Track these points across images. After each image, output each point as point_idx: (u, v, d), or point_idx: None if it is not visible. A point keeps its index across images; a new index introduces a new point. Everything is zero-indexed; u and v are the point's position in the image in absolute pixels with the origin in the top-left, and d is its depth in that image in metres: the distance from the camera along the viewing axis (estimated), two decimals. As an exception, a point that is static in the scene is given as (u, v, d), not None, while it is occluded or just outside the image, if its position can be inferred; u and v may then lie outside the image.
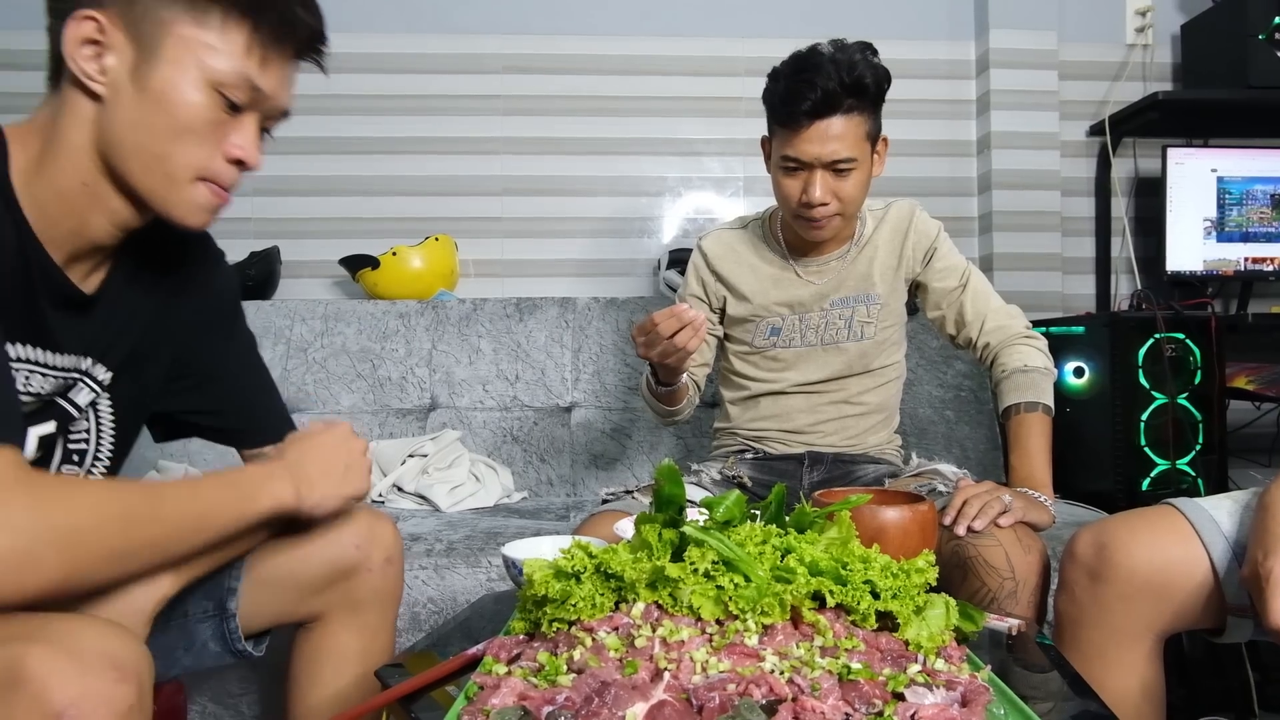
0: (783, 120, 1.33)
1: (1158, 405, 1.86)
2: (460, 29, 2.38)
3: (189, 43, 0.76)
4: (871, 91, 1.32)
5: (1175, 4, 2.49)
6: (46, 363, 0.84)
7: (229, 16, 0.77)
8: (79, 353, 0.87)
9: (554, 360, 2.13)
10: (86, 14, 0.75)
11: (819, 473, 1.49)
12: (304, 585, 0.97)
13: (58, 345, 0.84)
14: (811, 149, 1.31)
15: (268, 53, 0.80)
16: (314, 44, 0.85)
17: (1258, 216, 2.24)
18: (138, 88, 0.76)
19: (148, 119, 0.77)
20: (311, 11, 0.84)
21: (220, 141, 0.80)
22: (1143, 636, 0.98)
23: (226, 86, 0.78)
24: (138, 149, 0.78)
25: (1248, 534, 0.93)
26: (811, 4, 2.41)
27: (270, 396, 1.07)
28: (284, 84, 0.83)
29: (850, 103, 1.30)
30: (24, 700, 0.57)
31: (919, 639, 0.68)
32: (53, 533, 0.63)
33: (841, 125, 1.30)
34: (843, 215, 1.38)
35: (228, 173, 0.82)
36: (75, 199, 0.79)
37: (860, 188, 1.37)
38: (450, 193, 2.39)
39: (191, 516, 0.76)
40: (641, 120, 2.42)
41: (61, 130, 0.78)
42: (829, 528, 0.80)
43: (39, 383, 0.84)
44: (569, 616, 0.69)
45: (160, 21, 0.76)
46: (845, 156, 1.32)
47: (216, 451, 1.98)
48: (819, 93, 1.27)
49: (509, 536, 1.54)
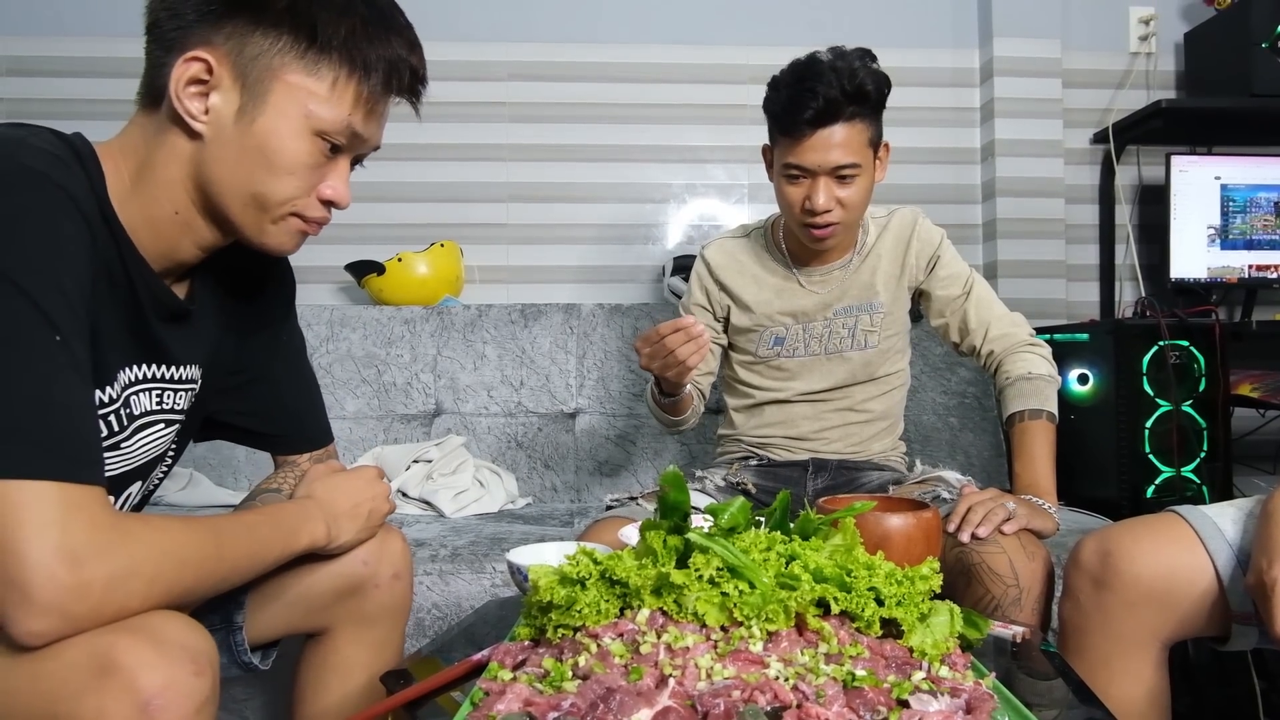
0: (785, 129, 1.33)
1: (1162, 412, 1.86)
2: (466, 36, 2.39)
3: (297, 91, 0.77)
4: (873, 98, 1.33)
5: (1178, 13, 2.49)
6: (170, 377, 0.87)
7: (341, 69, 0.78)
8: (190, 362, 0.90)
9: (559, 366, 2.13)
10: (196, 55, 0.75)
11: (823, 479, 1.49)
12: (312, 600, 0.98)
13: (174, 359, 0.87)
14: (814, 157, 1.32)
15: (374, 103, 0.81)
16: (415, 86, 0.85)
17: (1262, 224, 2.24)
18: (241, 130, 0.77)
19: (248, 161, 0.78)
20: (417, 54, 0.84)
21: (316, 182, 0.82)
22: (1148, 644, 0.99)
23: (329, 134, 0.79)
24: (236, 188, 0.79)
25: (1252, 541, 0.93)
26: (816, 12, 2.42)
27: (314, 403, 1.08)
28: (382, 126, 0.85)
29: (852, 110, 1.30)
30: (114, 687, 0.62)
31: (923, 646, 0.68)
32: (139, 568, 0.67)
33: (844, 133, 1.31)
34: (846, 223, 1.38)
35: (319, 211, 0.84)
36: (166, 225, 0.81)
37: (863, 194, 1.37)
38: (456, 199, 2.40)
39: (246, 555, 0.80)
40: (646, 127, 2.43)
41: (156, 160, 0.79)
42: (833, 535, 0.80)
43: (171, 399, 0.88)
44: (574, 622, 0.69)
45: (270, 68, 0.76)
46: (848, 163, 1.32)
47: (210, 447, 1.99)
48: (821, 101, 1.28)
49: (513, 542, 1.55)
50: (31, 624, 0.62)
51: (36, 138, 0.74)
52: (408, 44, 0.82)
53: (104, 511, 0.67)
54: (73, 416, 0.67)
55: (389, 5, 0.82)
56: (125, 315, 0.79)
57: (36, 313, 0.66)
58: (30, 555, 0.62)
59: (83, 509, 0.65)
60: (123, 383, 0.81)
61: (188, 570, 0.72)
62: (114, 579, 0.65)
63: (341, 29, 0.77)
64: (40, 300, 0.66)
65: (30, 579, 0.62)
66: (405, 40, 0.82)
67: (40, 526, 0.63)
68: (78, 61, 2.30)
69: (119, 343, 0.79)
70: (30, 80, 2.30)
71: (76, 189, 0.72)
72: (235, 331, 0.97)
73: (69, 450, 0.66)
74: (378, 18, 0.80)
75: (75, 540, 0.64)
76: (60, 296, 0.68)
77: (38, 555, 0.62)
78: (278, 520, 0.87)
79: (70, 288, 0.69)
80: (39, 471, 0.64)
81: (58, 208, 0.70)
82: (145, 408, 0.85)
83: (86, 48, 2.30)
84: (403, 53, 0.81)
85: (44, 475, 0.64)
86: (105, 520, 0.66)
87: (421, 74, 0.84)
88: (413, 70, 0.83)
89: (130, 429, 0.83)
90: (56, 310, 0.67)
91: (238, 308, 0.96)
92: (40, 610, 0.62)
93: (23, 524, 0.62)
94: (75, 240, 0.71)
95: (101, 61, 2.30)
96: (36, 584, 0.62)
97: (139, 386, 0.83)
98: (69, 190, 0.71)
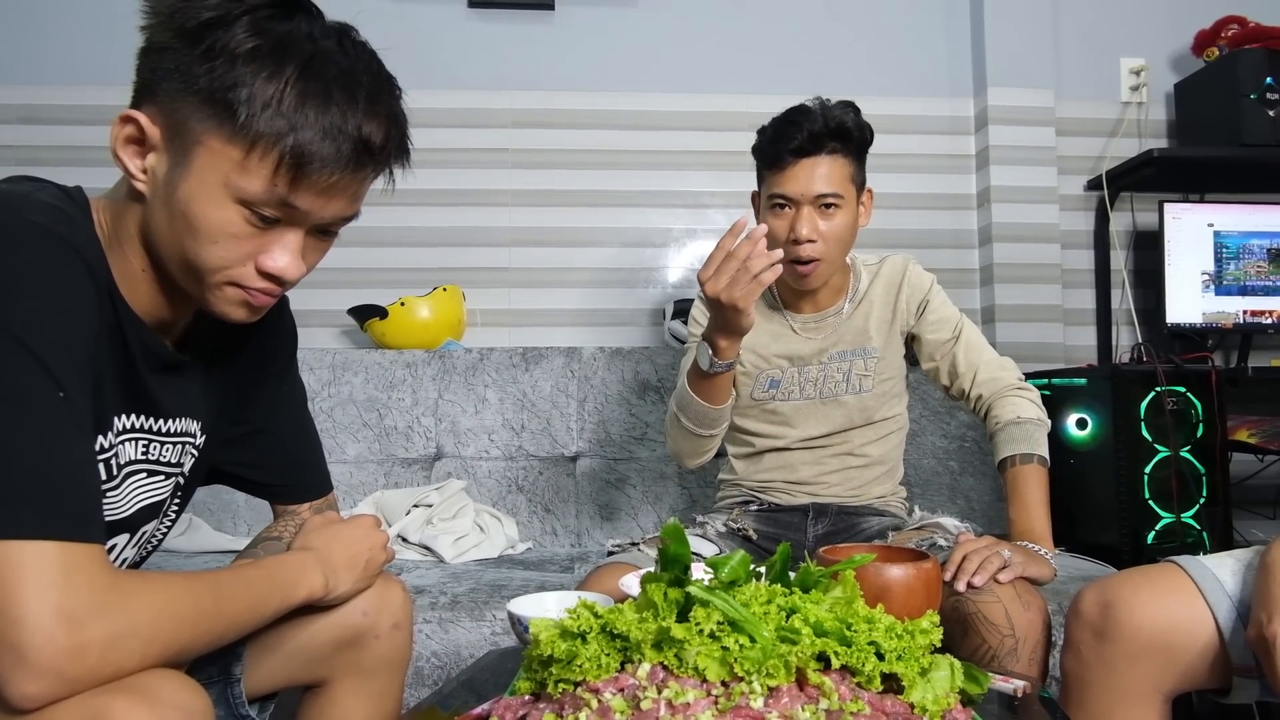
0: (770, 161, 1.41)
1: (1161, 458, 1.86)
2: (471, 85, 2.44)
3: (218, 157, 0.73)
4: (855, 137, 1.40)
5: (1168, 64, 2.54)
6: (159, 429, 0.86)
7: (260, 136, 0.72)
8: (183, 415, 0.89)
9: (559, 410, 2.14)
10: (130, 114, 0.75)
11: (824, 525, 1.49)
12: (311, 651, 0.97)
13: (164, 411, 0.86)
14: (797, 186, 1.38)
15: (303, 172, 0.74)
16: (363, 158, 0.76)
17: (1255, 270, 2.26)
18: (168, 194, 0.75)
19: (177, 225, 0.76)
20: (375, 122, 0.76)
21: (254, 252, 0.77)
22: (1150, 696, 0.98)
23: (254, 204, 0.74)
24: (171, 253, 0.78)
25: (1251, 594, 0.94)
26: (814, 61, 2.47)
27: (315, 454, 1.08)
28: (331, 198, 0.77)
29: (834, 145, 1.38)
30: None
31: (924, 702, 0.68)
32: (137, 628, 0.67)
33: (827, 164, 1.38)
34: (828, 259, 1.41)
35: (259, 283, 0.79)
36: (138, 281, 0.81)
37: (846, 230, 1.41)
38: (458, 243, 2.43)
39: (245, 609, 0.80)
40: (647, 173, 2.47)
41: (124, 216, 0.79)
42: (833, 587, 0.80)
43: (158, 451, 0.87)
44: (575, 677, 0.69)
45: (194, 132, 0.73)
46: (830, 192, 1.38)
47: (210, 492, 1.99)
48: (805, 133, 1.36)
49: (513, 589, 1.54)
50: (27, 687, 0.62)
51: (42, 192, 0.75)
52: (360, 111, 0.75)
53: (103, 571, 0.67)
54: (74, 474, 0.67)
55: (343, 71, 0.75)
56: (117, 365, 0.79)
57: (40, 369, 0.66)
58: (29, 618, 0.62)
59: (82, 569, 0.65)
60: (116, 430, 0.81)
61: (185, 628, 0.71)
62: (112, 640, 0.65)
63: (266, 94, 0.72)
64: (44, 356, 0.66)
65: (28, 642, 0.61)
66: (354, 108, 0.75)
67: (40, 588, 0.62)
68: (89, 110, 2.35)
69: (113, 391, 0.79)
70: (42, 128, 2.34)
71: (80, 243, 0.72)
72: (236, 384, 0.97)
73: (70, 509, 0.66)
74: (318, 84, 0.73)
75: (74, 601, 0.63)
76: (65, 352, 0.68)
77: (36, 618, 0.62)
78: (275, 573, 0.86)
79: (75, 343, 0.69)
80: (40, 531, 0.63)
81: (63, 262, 0.70)
82: (130, 457, 0.84)
83: (98, 96, 2.34)
84: (343, 121, 0.74)
85: (44, 535, 0.64)
86: (104, 580, 0.66)
87: (376, 143, 0.76)
88: (360, 140, 0.75)
89: (119, 477, 0.83)
90: (60, 366, 0.67)
91: (238, 360, 0.96)
92: (37, 673, 0.62)
93: (22, 585, 0.62)
94: (80, 295, 0.71)
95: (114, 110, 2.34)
96: (34, 646, 0.61)
97: (125, 436, 0.82)
98: (73, 244, 0.71)
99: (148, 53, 0.76)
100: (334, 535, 0.95)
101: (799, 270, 1.42)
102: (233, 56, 0.72)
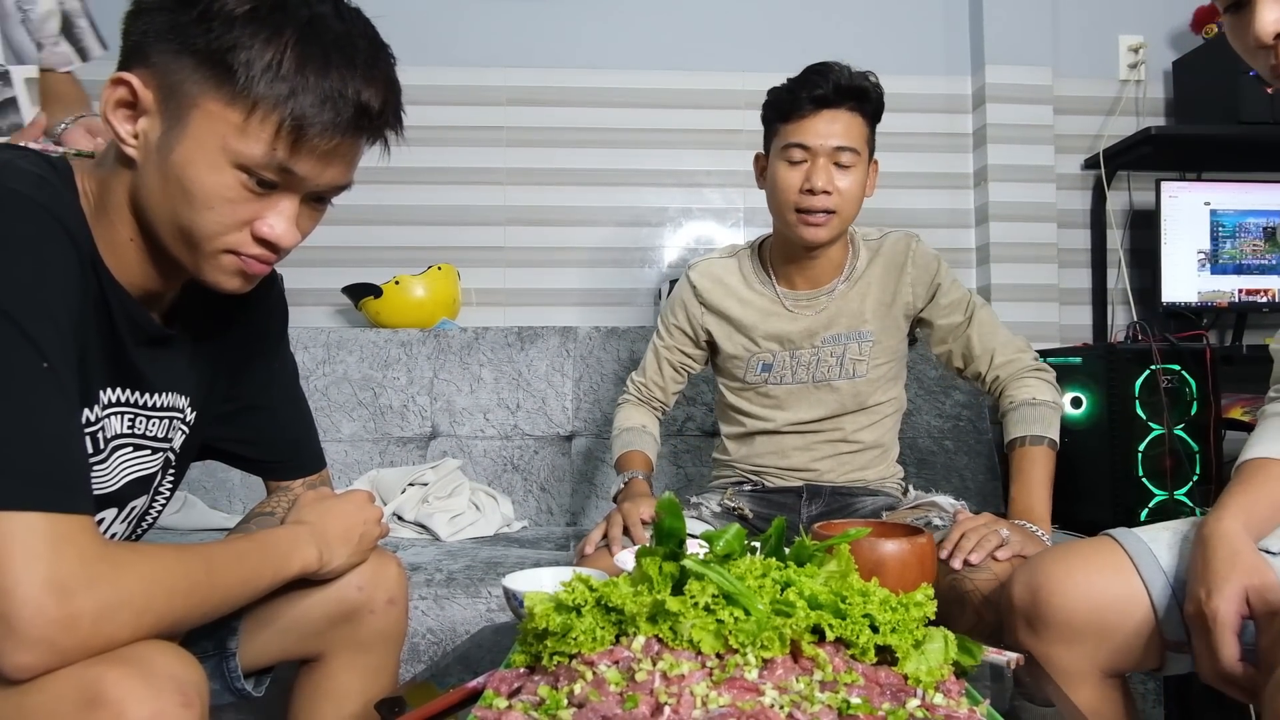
0: (787, 112, 1.38)
1: (1154, 436, 1.87)
2: (465, 62, 2.42)
3: (215, 120, 0.72)
4: (873, 100, 1.39)
5: (1167, 41, 2.53)
6: (146, 404, 0.85)
7: (260, 100, 0.71)
8: (170, 390, 0.88)
9: (555, 389, 2.14)
10: (121, 77, 0.73)
11: (818, 505, 1.49)
12: (306, 626, 0.97)
13: (150, 385, 0.85)
14: (818, 135, 1.36)
15: (303, 137, 0.73)
16: (361, 122, 0.76)
17: (1251, 249, 2.26)
18: (162, 158, 0.73)
19: (171, 191, 0.74)
20: (374, 88, 0.76)
21: (250, 218, 0.76)
22: (1089, 675, 0.96)
23: (252, 169, 0.73)
24: (164, 220, 0.76)
25: (1188, 568, 0.92)
26: (811, 39, 2.45)
27: (307, 430, 1.08)
28: (328, 164, 0.77)
29: (853, 103, 1.37)
30: (103, 719, 0.62)
31: (918, 673, 0.68)
32: (128, 599, 0.67)
33: (846, 119, 1.37)
34: (840, 215, 1.39)
35: (256, 249, 0.78)
36: (126, 251, 0.79)
37: (858, 188, 1.40)
38: (453, 222, 2.42)
39: (238, 582, 0.80)
40: (643, 152, 2.46)
41: (111, 184, 0.78)
42: (828, 561, 0.80)
43: (144, 425, 0.86)
44: (570, 650, 0.69)
45: (190, 95, 0.72)
46: (848, 146, 1.37)
47: (205, 469, 1.99)
48: (830, 83, 1.35)
49: (509, 566, 1.54)
50: (18, 657, 0.62)
51: (23, 160, 0.73)
52: (359, 77, 0.74)
53: (93, 541, 0.67)
54: (61, 445, 0.67)
55: (339, 36, 0.74)
56: (102, 338, 0.78)
57: (24, 339, 0.65)
58: (18, 588, 0.62)
59: (72, 540, 0.65)
60: (102, 403, 0.80)
61: (177, 599, 0.71)
62: (103, 610, 0.65)
63: (265, 58, 0.71)
64: (28, 326, 0.65)
65: (18, 612, 0.61)
66: (353, 73, 0.74)
67: (29, 559, 0.62)
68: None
69: (98, 365, 0.78)
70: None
71: (63, 212, 0.72)
72: (226, 360, 0.96)
73: (57, 479, 0.66)
74: (316, 48, 0.73)
75: (64, 572, 0.63)
76: (48, 322, 0.67)
77: (26, 588, 0.62)
78: (269, 546, 0.86)
79: (58, 313, 0.68)
80: (27, 502, 0.63)
81: (45, 232, 0.70)
82: (116, 431, 0.83)
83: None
84: (342, 86, 0.73)
85: (32, 505, 0.63)
86: (94, 551, 0.66)
87: (374, 109, 0.76)
88: (359, 106, 0.75)
89: (106, 451, 0.82)
90: (44, 336, 0.67)
91: (229, 335, 0.95)
92: (28, 643, 0.62)
93: (11, 556, 0.62)
94: (63, 264, 0.70)
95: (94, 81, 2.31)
96: (24, 617, 0.61)
97: (111, 410, 0.82)
98: (55, 213, 0.70)
99: (137, 14, 0.74)
100: (328, 509, 0.95)
101: (810, 221, 1.38)
102: (230, 18, 0.71)
